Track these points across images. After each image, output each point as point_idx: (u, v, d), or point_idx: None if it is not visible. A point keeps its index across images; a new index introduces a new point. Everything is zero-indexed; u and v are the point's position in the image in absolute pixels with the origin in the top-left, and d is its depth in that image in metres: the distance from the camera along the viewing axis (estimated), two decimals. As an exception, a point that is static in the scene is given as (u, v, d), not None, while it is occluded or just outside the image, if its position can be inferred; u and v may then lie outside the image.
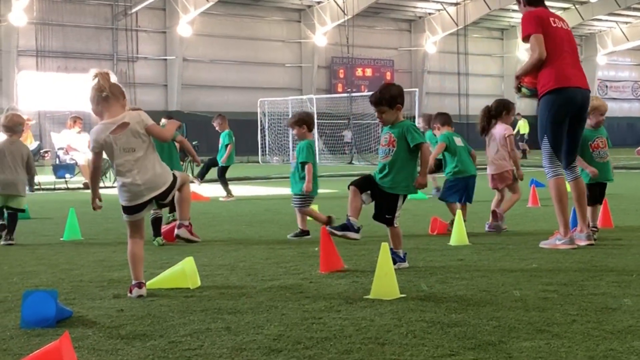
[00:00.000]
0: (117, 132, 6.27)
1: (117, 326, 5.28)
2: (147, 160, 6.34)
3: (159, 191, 6.36)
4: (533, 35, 8.75)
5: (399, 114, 7.84)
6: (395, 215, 7.66)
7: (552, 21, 8.93)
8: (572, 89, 8.76)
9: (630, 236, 9.83)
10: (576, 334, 4.83)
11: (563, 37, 8.92)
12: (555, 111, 8.74)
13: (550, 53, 8.71)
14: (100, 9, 47.40)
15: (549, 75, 8.73)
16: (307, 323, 5.24)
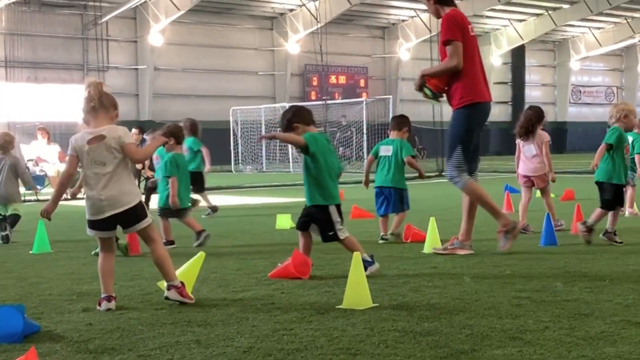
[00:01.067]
0: (93, 143, 6.24)
1: (85, 340, 5.20)
2: (116, 177, 6.26)
3: (120, 209, 6.24)
4: (454, 42, 8.76)
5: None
6: (337, 228, 7.60)
7: (470, 29, 8.98)
8: (486, 103, 8.99)
9: (603, 241, 9.82)
10: (549, 341, 4.80)
11: (475, 46, 9.02)
12: (472, 124, 8.90)
13: (466, 63, 8.77)
14: (70, 19, 47.09)
15: (467, 88, 8.82)
16: (278, 334, 5.19)
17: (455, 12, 9.02)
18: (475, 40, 9.04)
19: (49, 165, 20.54)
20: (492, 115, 37.60)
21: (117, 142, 6.25)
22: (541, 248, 9.32)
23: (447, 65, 8.80)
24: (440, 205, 16.66)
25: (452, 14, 8.97)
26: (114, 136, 6.26)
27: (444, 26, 8.90)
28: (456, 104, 8.89)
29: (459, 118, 8.94)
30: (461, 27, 8.85)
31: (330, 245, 9.77)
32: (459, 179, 8.99)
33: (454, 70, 8.77)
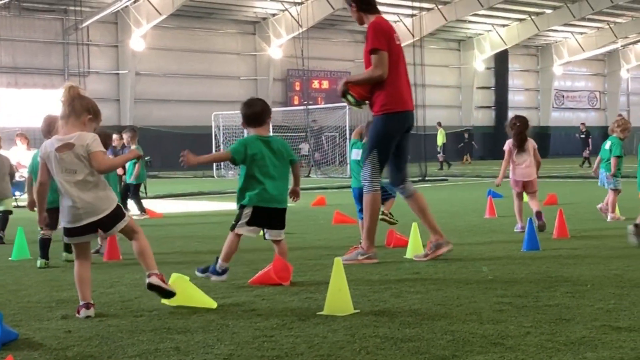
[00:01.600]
0: (62, 150, 6.16)
1: (64, 348, 5.15)
2: (89, 184, 6.19)
3: (98, 217, 6.19)
4: (380, 52, 8.79)
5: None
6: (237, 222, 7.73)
7: (395, 37, 9.00)
8: (407, 112, 9.02)
9: (586, 245, 9.85)
10: (530, 346, 4.79)
11: (400, 55, 9.04)
12: (391, 132, 8.93)
13: (391, 71, 8.80)
14: (51, 24, 46.90)
15: (389, 96, 8.85)
16: (259, 341, 5.14)
17: (381, 20, 9.04)
18: (400, 48, 9.05)
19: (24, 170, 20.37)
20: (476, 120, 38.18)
21: (85, 150, 6.16)
22: (523, 253, 9.31)
23: (372, 74, 8.84)
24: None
25: (378, 21, 8.97)
26: (82, 144, 6.16)
27: (369, 34, 8.91)
28: (377, 111, 8.96)
29: (378, 125, 9.01)
30: (387, 36, 8.87)
31: (310, 252, 9.78)
32: (368, 184, 9.02)
33: (379, 80, 8.81)
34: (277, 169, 7.72)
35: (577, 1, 57.73)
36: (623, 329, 5.18)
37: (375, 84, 8.86)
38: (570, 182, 27.60)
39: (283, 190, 7.80)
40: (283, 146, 7.84)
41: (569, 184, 26.71)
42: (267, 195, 7.69)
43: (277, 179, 7.72)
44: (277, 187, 7.72)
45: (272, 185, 7.69)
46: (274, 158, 7.72)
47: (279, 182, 7.74)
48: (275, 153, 7.74)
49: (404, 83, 9.02)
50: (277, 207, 7.73)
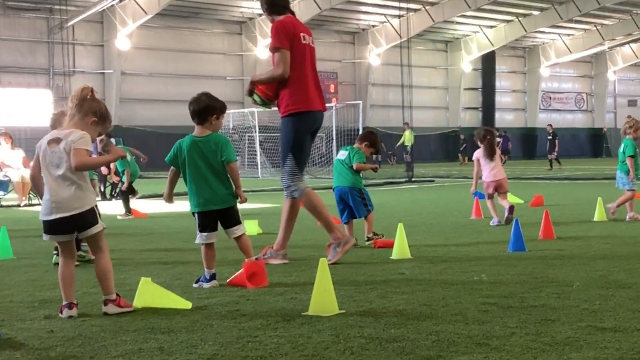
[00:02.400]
0: (51, 144, 6.21)
1: (46, 348, 5.11)
2: (69, 180, 6.16)
3: (68, 213, 6.14)
4: (282, 50, 8.78)
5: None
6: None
7: (302, 37, 8.98)
8: (314, 112, 9.01)
9: (572, 246, 9.86)
10: (515, 347, 4.78)
11: (307, 55, 9.01)
12: (300, 132, 8.93)
13: (295, 71, 8.79)
14: (36, 22, 46.75)
15: (294, 96, 8.85)
16: (243, 342, 5.12)
17: (287, 20, 9.03)
18: (307, 48, 9.02)
19: (12, 170, 20.30)
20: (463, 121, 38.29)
21: (69, 146, 6.16)
22: (509, 254, 9.31)
23: (274, 73, 8.85)
24: (408, 210, 16.66)
25: (284, 21, 8.98)
26: (67, 140, 6.17)
27: (272, 33, 8.93)
28: (282, 112, 8.96)
29: (286, 126, 9.01)
30: (290, 35, 8.85)
31: (297, 252, 9.75)
32: (295, 188, 9.02)
33: (280, 79, 8.80)
34: (209, 170, 7.61)
35: (564, 3, 57.94)
36: (608, 330, 5.17)
37: (281, 84, 8.85)
38: (557, 184, 27.66)
39: (218, 190, 7.63)
40: (217, 145, 7.64)
41: (556, 185, 26.77)
42: (201, 199, 7.64)
43: (210, 180, 7.61)
44: (211, 188, 7.61)
45: (204, 188, 7.61)
46: (204, 160, 7.62)
47: (212, 183, 7.61)
48: (206, 154, 7.63)
49: (310, 83, 8.99)
50: (214, 208, 7.64)
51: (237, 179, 7.70)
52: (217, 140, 7.69)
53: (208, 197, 7.62)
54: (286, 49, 8.74)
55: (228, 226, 7.74)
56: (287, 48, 8.75)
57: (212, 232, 7.68)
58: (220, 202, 7.63)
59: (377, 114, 59.93)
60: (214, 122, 7.78)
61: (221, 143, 7.67)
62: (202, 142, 7.67)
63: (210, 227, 7.68)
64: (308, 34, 9.09)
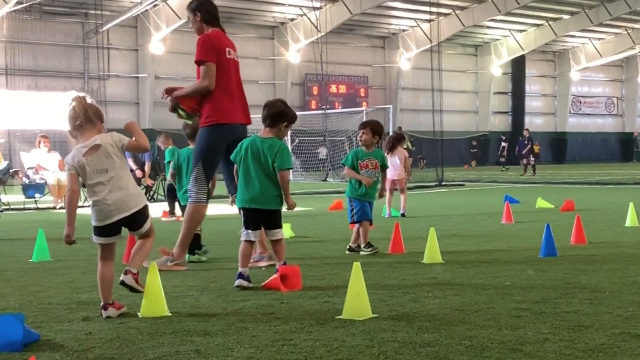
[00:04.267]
0: (89, 154, 6.27)
1: (85, 350, 5.18)
2: (120, 181, 6.31)
3: (129, 212, 6.29)
4: (207, 64, 8.94)
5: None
6: None
7: (227, 52, 9.13)
8: (233, 125, 9.13)
9: (603, 252, 9.83)
10: (548, 353, 4.79)
11: (232, 69, 9.17)
12: (214, 143, 9.06)
13: (219, 84, 8.92)
14: (72, 27, 47.17)
15: (214, 108, 9.00)
16: (278, 345, 5.18)
17: (215, 34, 9.18)
18: (232, 62, 9.19)
19: (49, 173, 20.53)
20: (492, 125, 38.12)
21: (116, 146, 6.31)
22: (541, 259, 9.30)
23: (199, 86, 9.01)
24: (439, 214, 16.65)
25: (211, 35, 9.14)
26: (109, 142, 6.31)
27: (198, 47, 9.07)
28: (202, 123, 9.11)
29: (202, 136, 9.16)
30: (216, 49, 9.02)
31: (329, 255, 9.80)
32: (193, 195, 9.19)
33: (205, 91, 8.95)
34: (261, 170, 7.76)
35: (594, 7, 57.58)
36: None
37: (204, 97, 9.00)
38: (587, 188, 27.51)
39: (265, 191, 7.75)
40: (274, 149, 7.79)
41: (586, 190, 26.63)
42: (246, 196, 7.80)
43: (258, 179, 7.76)
44: (258, 187, 7.75)
45: (251, 186, 7.77)
46: (258, 159, 7.79)
47: (261, 183, 7.75)
48: (261, 154, 7.79)
49: (234, 96, 9.17)
50: (257, 207, 7.76)
51: (285, 186, 7.84)
52: (276, 145, 7.86)
53: (253, 196, 7.76)
54: (212, 62, 8.94)
55: (268, 227, 7.85)
56: (212, 61, 8.96)
57: (253, 231, 7.79)
58: (264, 202, 7.76)
59: (407, 118, 59.82)
60: (283, 129, 7.98)
61: (279, 148, 7.82)
62: (263, 142, 7.85)
63: (252, 225, 7.79)
64: (233, 48, 9.30)
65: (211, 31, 9.24)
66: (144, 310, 6.22)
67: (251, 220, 7.81)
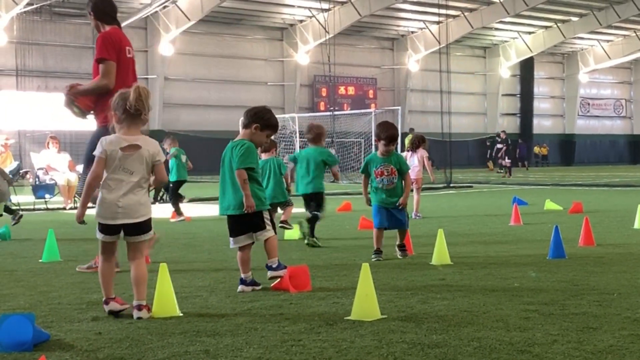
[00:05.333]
0: (128, 150, 6.28)
1: (94, 349, 5.21)
2: (138, 188, 6.33)
3: (134, 220, 6.30)
4: (107, 62, 8.93)
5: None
6: None
7: (127, 50, 9.13)
8: None
9: (612, 254, 9.82)
10: (557, 354, 4.80)
11: (131, 68, 9.18)
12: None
13: (118, 83, 8.82)
14: (81, 28, 47.28)
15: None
16: (287, 345, 5.19)
17: (114, 31, 9.19)
18: (131, 61, 9.21)
19: (59, 174, 20.59)
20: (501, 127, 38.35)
21: (150, 157, 6.33)
22: (549, 260, 9.30)
23: (98, 84, 8.98)
24: (447, 216, 16.66)
25: (110, 32, 9.15)
26: (150, 150, 6.33)
27: (98, 44, 9.06)
28: (100, 122, 9.05)
29: (96, 137, 9.02)
30: (117, 47, 9.02)
31: (338, 256, 9.82)
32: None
33: (105, 90, 8.88)
34: (230, 174, 7.62)
35: (603, 9, 57.50)
36: (650, 338, 5.18)
37: (101, 94, 8.93)
38: (596, 190, 27.46)
39: (236, 195, 7.57)
40: (236, 150, 7.59)
41: (595, 192, 26.58)
42: (224, 203, 7.70)
43: (230, 185, 7.63)
44: (230, 193, 7.63)
45: (226, 192, 7.67)
46: (229, 164, 7.64)
47: (232, 188, 7.61)
48: (230, 158, 7.64)
49: None
50: (232, 214, 7.65)
51: (241, 186, 7.49)
52: (238, 144, 7.63)
53: (229, 202, 7.64)
54: (112, 61, 8.94)
55: (252, 230, 7.66)
56: (112, 59, 8.95)
57: (236, 237, 7.67)
58: (237, 207, 7.59)
59: (416, 120, 59.78)
60: (255, 131, 7.66)
61: (240, 147, 7.57)
62: (232, 146, 7.69)
63: (234, 232, 7.69)
64: (131, 47, 9.32)
65: (110, 29, 9.23)
66: (155, 310, 6.25)
67: (232, 227, 7.70)
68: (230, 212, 7.66)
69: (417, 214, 16.19)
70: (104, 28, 9.28)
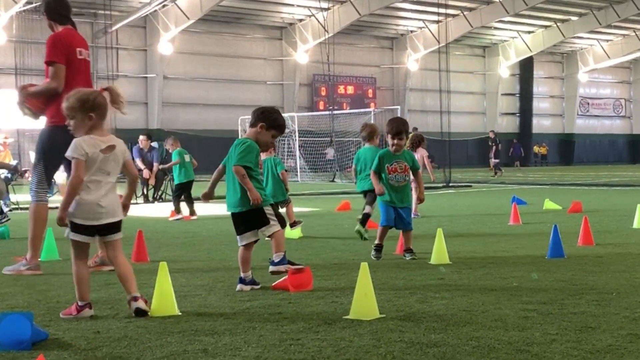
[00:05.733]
0: (106, 152, 6.28)
1: (93, 348, 5.21)
2: (114, 188, 6.38)
3: (115, 219, 6.33)
4: (56, 65, 8.96)
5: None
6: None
7: (78, 52, 9.14)
8: None
9: (611, 253, 9.83)
10: (555, 354, 4.80)
11: (82, 69, 9.18)
12: (55, 144, 8.83)
13: (67, 85, 8.81)
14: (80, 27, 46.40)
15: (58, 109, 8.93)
16: (285, 344, 5.19)
17: (65, 33, 9.22)
18: (83, 63, 9.21)
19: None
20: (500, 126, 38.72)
21: (122, 156, 6.38)
22: (548, 260, 9.31)
23: (48, 86, 9.01)
24: (446, 215, 16.66)
25: (61, 34, 9.18)
26: (121, 150, 6.38)
27: (47, 46, 9.10)
28: (47, 122, 9.11)
29: (43, 136, 9.16)
30: (66, 50, 9.04)
31: (336, 256, 9.82)
32: (33, 195, 9.18)
33: (54, 92, 8.91)
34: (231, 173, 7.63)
35: (603, 8, 57.53)
36: (648, 338, 5.18)
37: (50, 97, 8.97)
38: (595, 190, 27.47)
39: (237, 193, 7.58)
40: (235, 149, 7.62)
41: (594, 191, 26.59)
42: (229, 201, 7.73)
43: (232, 183, 7.65)
44: (232, 191, 7.64)
45: (229, 190, 7.69)
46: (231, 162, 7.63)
47: (234, 185, 7.61)
48: (232, 157, 7.65)
49: None
50: (234, 211, 7.67)
51: (242, 182, 7.48)
52: (240, 142, 7.65)
53: (233, 200, 7.65)
54: (61, 64, 8.96)
55: (256, 227, 7.64)
56: (62, 62, 8.97)
57: (242, 234, 7.67)
58: (237, 205, 7.59)
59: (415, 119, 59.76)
60: (260, 130, 7.65)
61: (241, 145, 7.58)
62: (235, 144, 7.70)
63: (238, 229, 7.69)
64: (85, 48, 9.32)
65: (62, 30, 9.25)
66: (154, 309, 6.24)
67: (236, 224, 7.70)
68: (232, 209, 7.68)
69: (415, 213, 16.18)
70: (57, 28, 9.31)
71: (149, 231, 12.81)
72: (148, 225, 14.86)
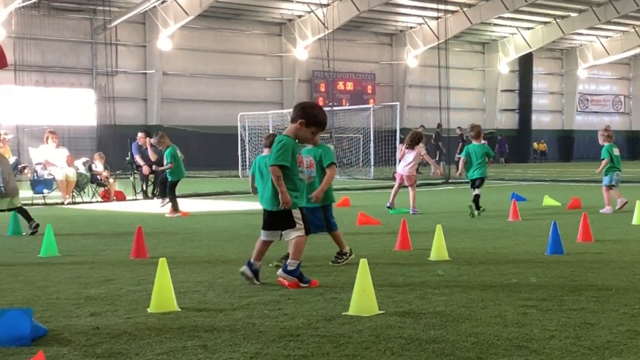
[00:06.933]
0: None
1: (92, 344, 5.21)
2: None
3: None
4: None
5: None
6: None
7: None
8: None
9: (610, 250, 9.83)
10: (554, 350, 4.81)
11: None
12: None
13: None
14: (80, 23, 47.22)
15: None
16: (285, 340, 5.20)
17: None
18: None
19: (57, 169, 20.56)
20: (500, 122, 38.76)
21: None
22: (547, 257, 9.31)
23: None
24: (445, 212, 16.65)
25: None
26: None
27: None
28: None
29: None
30: None
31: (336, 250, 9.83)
32: None
33: None
34: (266, 169, 7.60)
35: (602, 4, 57.44)
36: (648, 334, 5.19)
37: None
38: (594, 186, 27.43)
39: (267, 191, 7.58)
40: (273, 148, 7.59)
41: (593, 188, 26.56)
42: (261, 195, 7.77)
43: (265, 180, 7.67)
44: (264, 188, 7.67)
45: (261, 186, 7.76)
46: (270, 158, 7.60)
47: (266, 183, 7.62)
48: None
49: None
50: (264, 208, 7.68)
51: (275, 183, 7.38)
52: (278, 141, 7.55)
53: (263, 196, 7.69)
54: None
55: (280, 229, 7.61)
56: None
57: (264, 230, 7.67)
58: (268, 203, 7.59)
59: (414, 116, 59.74)
60: (300, 127, 7.53)
61: (277, 143, 7.51)
62: (276, 140, 7.63)
63: (264, 225, 7.68)
64: None
65: None
66: (153, 305, 6.24)
67: (264, 219, 7.70)
68: (262, 203, 7.71)
69: (414, 209, 16.17)
70: None
71: (148, 227, 12.81)
72: (147, 221, 14.85)
